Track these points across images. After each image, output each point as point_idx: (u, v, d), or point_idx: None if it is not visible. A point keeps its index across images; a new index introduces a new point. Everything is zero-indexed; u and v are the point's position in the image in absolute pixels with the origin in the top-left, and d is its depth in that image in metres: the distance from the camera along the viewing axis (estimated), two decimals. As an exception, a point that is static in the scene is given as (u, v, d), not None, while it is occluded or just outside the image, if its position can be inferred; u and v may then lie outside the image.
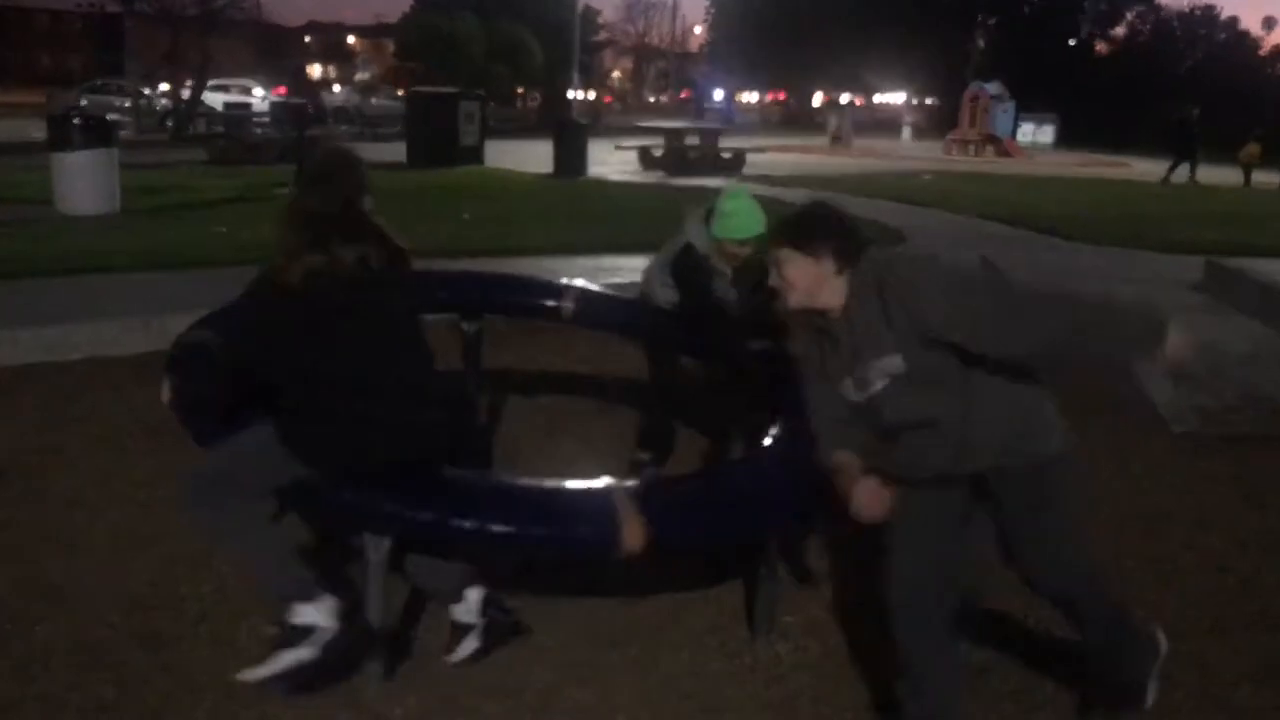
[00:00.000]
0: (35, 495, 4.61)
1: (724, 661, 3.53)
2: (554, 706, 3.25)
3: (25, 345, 6.60)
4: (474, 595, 3.36)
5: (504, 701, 3.25)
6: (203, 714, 3.13)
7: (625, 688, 3.36)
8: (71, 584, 3.84)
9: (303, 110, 24.79)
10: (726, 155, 22.64)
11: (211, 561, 4.03)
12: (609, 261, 9.97)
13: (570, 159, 20.42)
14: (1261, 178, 25.04)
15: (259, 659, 3.38)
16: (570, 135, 21.00)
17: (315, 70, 77.81)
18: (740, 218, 4.50)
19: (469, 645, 3.35)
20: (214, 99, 33.58)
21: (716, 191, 4.83)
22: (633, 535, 2.98)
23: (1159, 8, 61.38)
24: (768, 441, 3.63)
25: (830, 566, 4.24)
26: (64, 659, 3.36)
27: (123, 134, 16.84)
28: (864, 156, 31.17)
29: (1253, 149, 25.16)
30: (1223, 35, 61.42)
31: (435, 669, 3.40)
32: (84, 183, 11.96)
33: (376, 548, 3.09)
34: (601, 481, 3.26)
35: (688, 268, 4.67)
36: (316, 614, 3.07)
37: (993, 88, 35.56)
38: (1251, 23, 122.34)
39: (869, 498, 2.82)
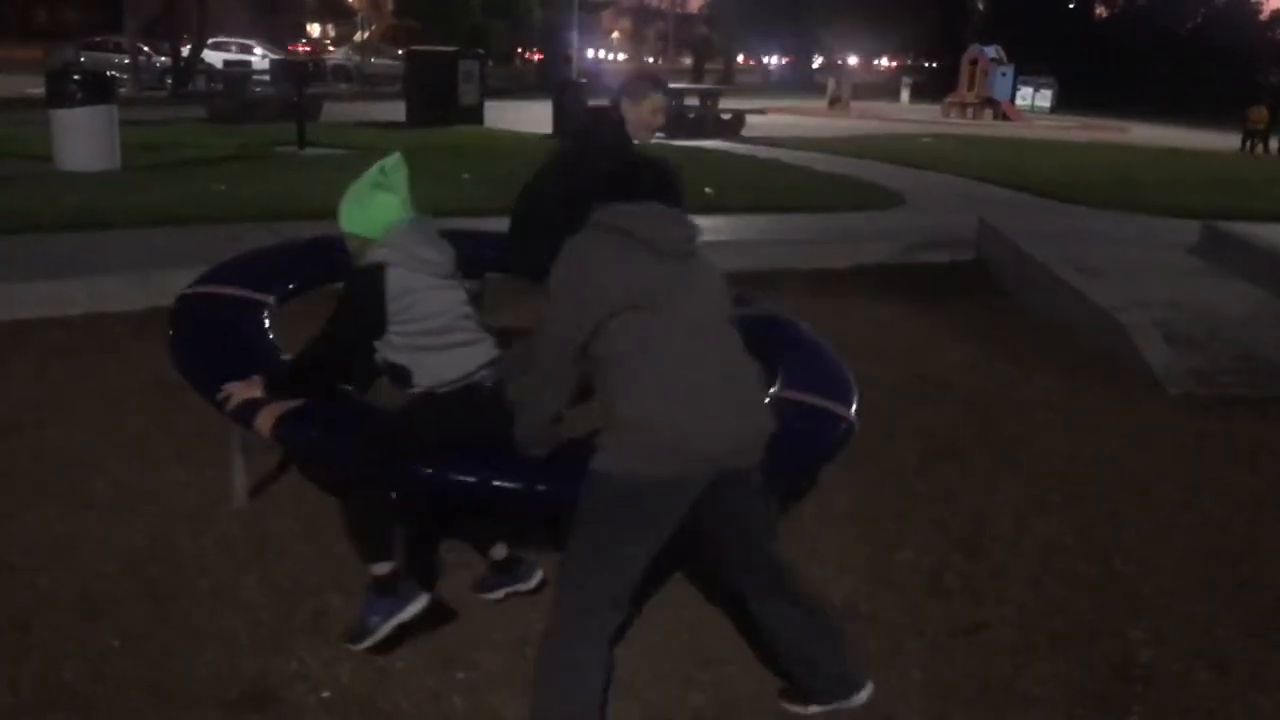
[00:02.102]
0: (35, 450, 4.62)
1: (720, 615, 3.55)
2: (553, 660, 3.27)
3: (25, 301, 6.60)
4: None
5: (504, 655, 3.28)
6: (204, 665, 3.15)
7: (624, 641, 3.37)
8: (72, 537, 3.86)
9: (302, 68, 24.66)
10: (726, 116, 22.53)
11: (213, 516, 4.06)
12: (608, 222, 9.96)
13: (570, 119, 20.29)
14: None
15: (260, 611, 3.43)
16: (569, 95, 20.88)
17: (314, 29, 77.25)
18: None
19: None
20: (214, 57, 33.39)
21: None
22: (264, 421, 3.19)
23: (1159, -30, 60.84)
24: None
25: (828, 523, 4.28)
26: (66, 612, 3.38)
27: (122, 91, 16.76)
28: (862, 119, 31.04)
29: (1261, 113, 24.86)
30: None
31: (436, 623, 3.43)
32: (83, 139, 11.90)
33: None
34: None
35: None
36: None
37: (992, 51, 35.35)
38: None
39: None
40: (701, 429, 2.61)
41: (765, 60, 70.69)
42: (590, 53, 62.12)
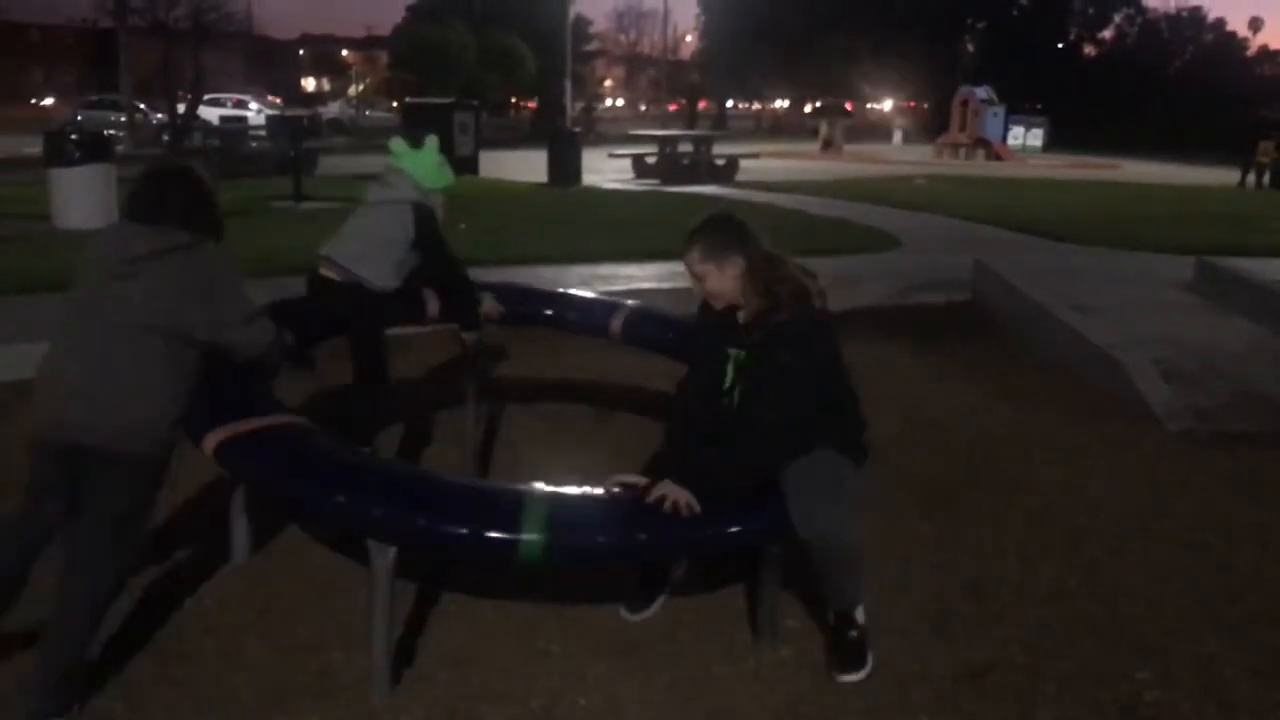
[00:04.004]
0: (37, 510, 4.61)
1: (727, 666, 3.54)
2: (558, 713, 3.26)
3: (25, 361, 6.53)
4: None
5: (508, 709, 3.26)
6: (210, 726, 3.14)
7: (629, 694, 3.37)
8: (75, 598, 3.84)
9: (298, 123, 24.85)
10: (720, 162, 22.69)
11: (215, 575, 4.05)
12: (606, 269, 10.00)
13: (564, 168, 20.44)
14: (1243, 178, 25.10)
15: (264, 670, 3.41)
16: (564, 144, 21.04)
17: (309, 83, 77.93)
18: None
19: None
20: (209, 113, 33.67)
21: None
22: None
23: (1146, 9, 61.63)
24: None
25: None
26: (69, 673, 3.36)
27: (119, 148, 16.86)
28: (855, 161, 31.24)
29: (1269, 148, 24.79)
30: (1210, 37, 61.65)
31: (440, 677, 3.41)
32: (81, 198, 11.96)
33: (381, 555, 3.11)
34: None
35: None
36: None
37: (982, 91, 35.67)
38: (1238, 24, 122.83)
39: None
40: (48, 404, 3.21)
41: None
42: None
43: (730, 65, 61.16)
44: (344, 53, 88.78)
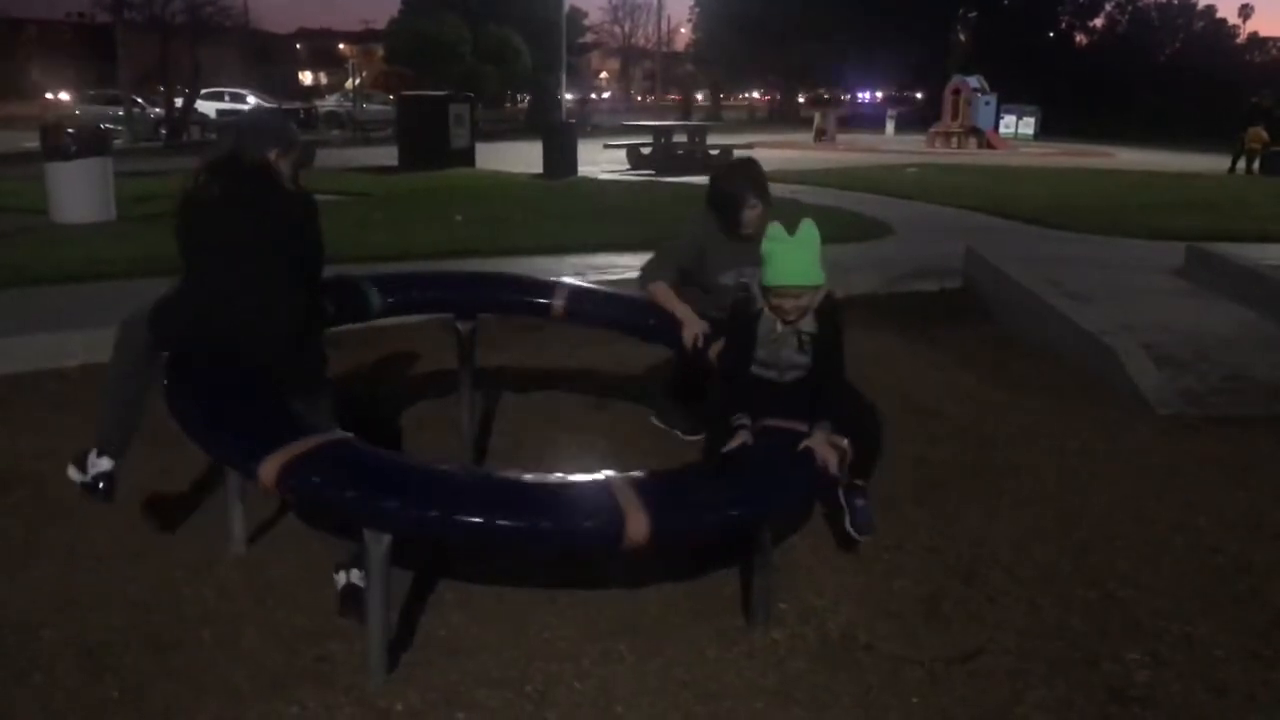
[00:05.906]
0: (35, 502, 4.64)
1: (721, 649, 3.57)
2: (554, 698, 3.29)
3: (23, 353, 6.62)
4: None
5: (504, 694, 3.29)
6: (207, 716, 3.16)
7: (624, 678, 3.40)
8: (73, 589, 3.87)
9: (294, 116, 24.89)
10: (714, 152, 22.69)
11: (213, 565, 4.08)
12: (601, 259, 10.02)
13: (560, 159, 20.46)
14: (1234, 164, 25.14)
15: (262, 659, 3.44)
16: (559, 135, 21.05)
17: (306, 77, 77.83)
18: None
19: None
20: (207, 106, 33.65)
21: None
22: (636, 528, 3.05)
23: (1136, -3, 61.66)
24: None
25: (824, 553, 4.30)
26: (67, 663, 3.39)
27: (117, 143, 16.83)
28: (848, 151, 31.22)
29: (1260, 134, 24.86)
30: (1200, 24, 61.77)
31: (437, 663, 3.44)
32: (79, 192, 11.99)
33: (377, 542, 3.13)
34: (602, 474, 3.33)
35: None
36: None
37: (974, 81, 35.65)
38: (1228, 11, 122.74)
39: None
40: None
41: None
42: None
43: (724, 56, 61.08)
44: (341, 46, 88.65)
